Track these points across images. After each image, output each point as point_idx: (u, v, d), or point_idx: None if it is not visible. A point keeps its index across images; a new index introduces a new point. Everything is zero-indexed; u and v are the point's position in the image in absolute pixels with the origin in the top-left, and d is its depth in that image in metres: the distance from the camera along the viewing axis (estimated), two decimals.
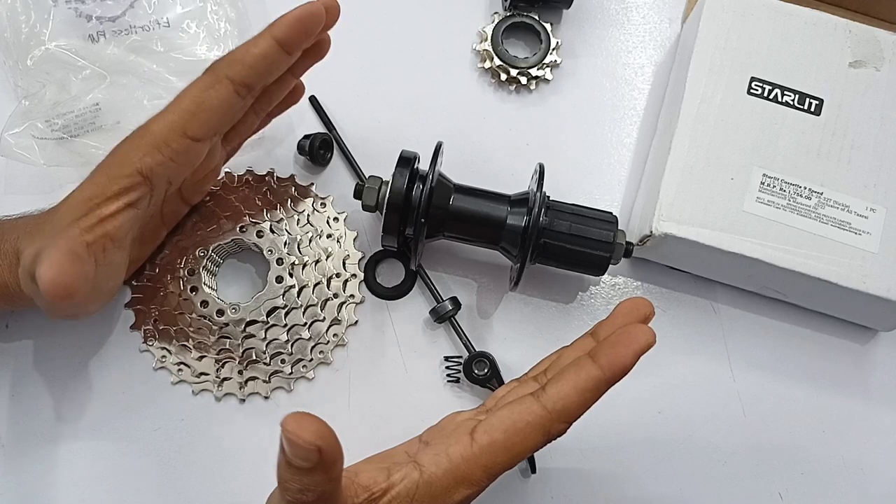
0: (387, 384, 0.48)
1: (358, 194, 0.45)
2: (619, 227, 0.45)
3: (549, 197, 0.45)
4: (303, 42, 0.39)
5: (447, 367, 0.48)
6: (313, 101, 0.52)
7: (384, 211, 0.44)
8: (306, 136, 0.50)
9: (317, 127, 0.51)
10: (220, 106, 0.39)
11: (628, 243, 0.45)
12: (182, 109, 0.38)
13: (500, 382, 0.46)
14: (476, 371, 0.46)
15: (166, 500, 0.45)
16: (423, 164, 0.45)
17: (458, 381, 0.48)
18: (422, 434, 0.40)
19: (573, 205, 0.46)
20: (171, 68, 0.50)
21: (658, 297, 0.51)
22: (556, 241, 0.44)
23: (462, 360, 0.47)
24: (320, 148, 0.50)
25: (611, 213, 0.46)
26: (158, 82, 0.50)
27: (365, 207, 0.45)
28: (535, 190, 0.44)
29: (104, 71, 0.49)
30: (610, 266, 0.46)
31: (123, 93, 0.49)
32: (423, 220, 0.43)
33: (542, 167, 0.45)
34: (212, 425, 0.46)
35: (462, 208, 0.45)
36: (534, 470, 0.46)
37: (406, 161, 0.44)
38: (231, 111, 0.40)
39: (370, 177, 0.45)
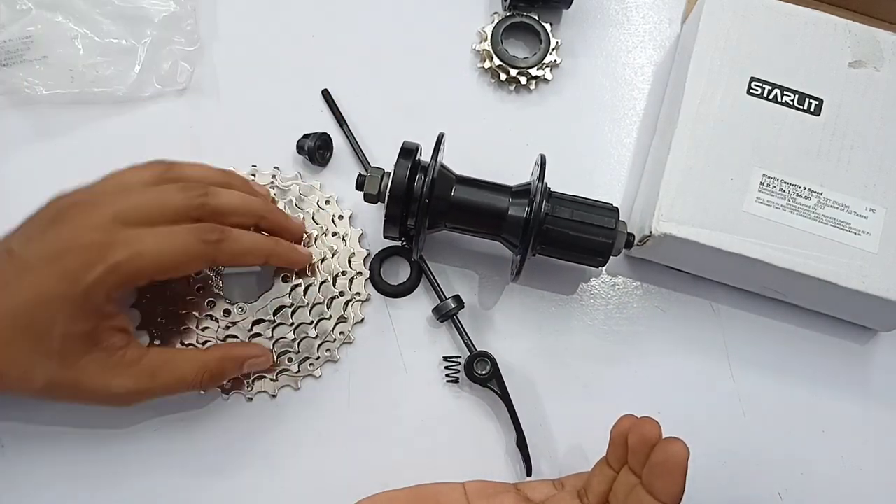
0: (388, 383, 0.48)
1: (360, 185, 0.45)
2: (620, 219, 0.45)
3: (550, 188, 0.45)
4: None
5: (446, 368, 0.48)
6: (325, 94, 0.52)
7: (386, 201, 0.44)
8: (306, 136, 0.50)
9: (315, 127, 0.51)
10: (192, 271, 0.44)
11: (629, 234, 0.45)
12: (162, 261, 0.39)
13: (501, 383, 0.46)
14: (478, 371, 0.46)
15: (168, 501, 0.45)
16: (425, 158, 0.45)
17: (457, 381, 0.48)
18: (466, 484, 0.42)
19: (575, 195, 0.46)
20: (106, 11, 0.51)
21: (658, 297, 0.51)
22: (557, 227, 0.44)
23: (461, 360, 0.47)
24: (319, 147, 0.50)
25: (611, 203, 0.46)
26: (90, 23, 0.51)
27: (367, 198, 0.45)
28: (536, 180, 0.44)
29: (33, 5, 0.51)
30: (610, 262, 0.46)
31: (56, 30, 0.51)
32: (424, 210, 0.43)
33: (543, 158, 0.45)
34: (216, 424, 0.46)
35: (464, 199, 0.45)
36: (529, 472, 0.46)
37: (408, 152, 0.44)
38: None
39: (372, 167, 0.46)
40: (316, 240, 0.48)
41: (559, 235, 0.44)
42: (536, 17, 0.54)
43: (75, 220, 0.38)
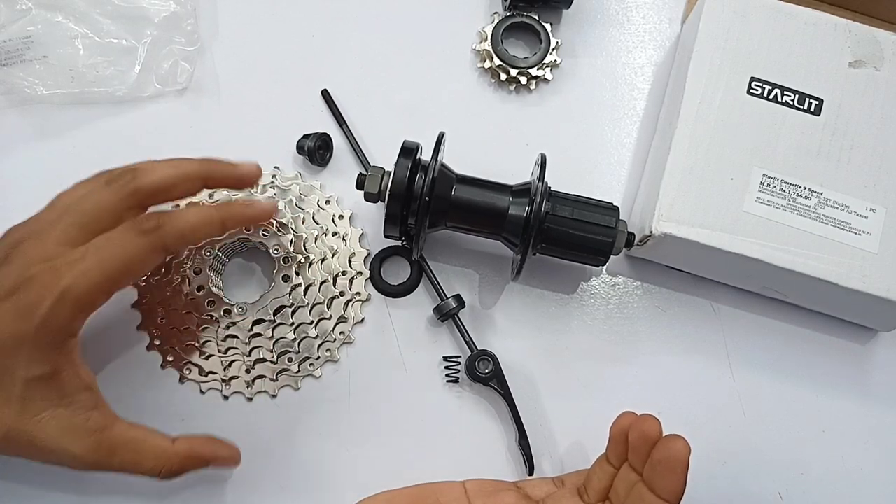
0: (388, 383, 0.48)
1: (360, 184, 0.45)
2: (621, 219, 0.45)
3: (550, 187, 0.46)
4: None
5: (446, 367, 0.48)
6: (325, 94, 0.52)
7: (386, 200, 0.44)
8: (306, 136, 0.50)
9: (315, 127, 0.51)
10: (149, 268, 0.39)
11: (630, 233, 0.45)
12: (109, 270, 0.36)
13: (502, 382, 0.46)
14: (480, 370, 0.46)
15: (168, 501, 0.45)
16: (425, 157, 0.45)
17: (457, 380, 0.48)
18: (466, 482, 0.42)
19: (575, 194, 0.46)
20: (106, 11, 0.51)
21: (658, 297, 0.51)
22: (558, 227, 0.44)
23: (461, 360, 0.47)
24: (319, 148, 0.50)
25: (612, 202, 0.46)
26: (90, 23, 0.51)
27: (367, 197, 0.45)
28: (537, 180, 0.44)
29: (33, 5, 0.51)
30: (610, 261, 0.46)
31: (56, 30, 0.51)
32: (425, 209, 0.43)
33: (543, 157, 0.45)
34: (216, 424, 0.46)
35: (464, 198, 0.45)
36: (531, 471, 0.46)
37: (408, 151, 0.44)
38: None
39: (372, 167, 0.46)
40: (316, 240, 0.48)
41: (560, 234, 0.44)
42: (536, 17, 0.54)
43: (21, 257, 0.36)
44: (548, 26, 0.54)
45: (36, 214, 0.39)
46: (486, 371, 0.46)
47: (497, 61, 0.53)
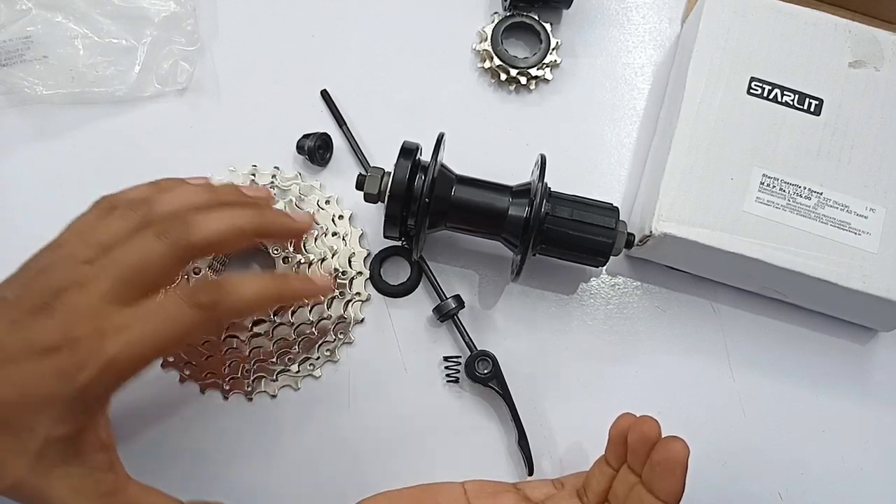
0: (388, 383, 0.48)
1: (360, 185, 0.45)
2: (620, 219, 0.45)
3: (550, 188, 0.46)
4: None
5: (446, 367, 0.48)
6: (324, 95, 0.52)
7: (386, 201, 0.44)
8: (306, 136, 0.50)
9: (315, 127, 0.51)
10: (198, 340, 0.39)
11: (629, 234, 0.45)
12: (158, 342, 0.34)
13: (502, 382, 0.46)
14: (479, 370, 0.46)
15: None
16: (425, 158, 0.45)
17: (457, 381, 0.48)
18: (466, 483, 0.42)
19: (575, 195, 0.46)
20: (106, 11, 0.51)
21: (658, 297, 0.51)
22: (557, 227, 0.44)
23: (461, 360, 0.47)
24: (319, 147, 0.50)
25: (611, 203, 0.46)
26: (90, 23, 0.51)
27: (367, 198, 0.45)
28: (536, 180, 0.44)
29: (33, 5, 0.51)
30: (610, 261, 0.46)
31: (56, 30, 0.51)
32: (425, 210, 0.43)
33: (543, 158, 0.45)
34: (216, 424, 0.46)
35: (464, 199, 0.45)
36: (531, 471, 0.46)
37: (408, 152, 0.44)
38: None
39: (372, 167, 0.46)
40: (316, 240, 0.48)
41: (559, 235, 0.44)
42: (536, 17, 0.54)
43: (65, 311, 0.33)
44: (548, 26, 0.54)
45: (66, 242, 0.36)
46: (486, 371, 0.46)
47: (497, 61, 0.53)
